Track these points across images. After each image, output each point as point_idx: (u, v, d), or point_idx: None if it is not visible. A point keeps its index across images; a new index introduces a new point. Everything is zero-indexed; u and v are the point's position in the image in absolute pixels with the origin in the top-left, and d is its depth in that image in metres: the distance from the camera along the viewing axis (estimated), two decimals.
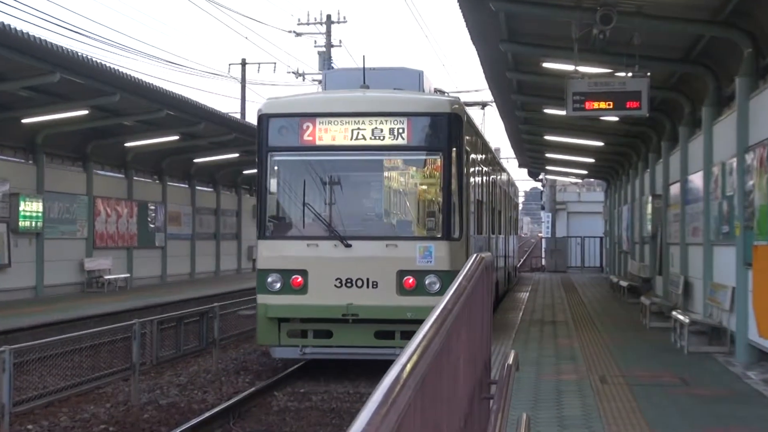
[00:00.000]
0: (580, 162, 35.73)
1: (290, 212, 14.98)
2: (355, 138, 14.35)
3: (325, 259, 14.10)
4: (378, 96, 14.84)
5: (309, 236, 14.34)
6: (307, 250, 14.20)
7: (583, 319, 20.42)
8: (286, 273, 14.24)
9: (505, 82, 21.64)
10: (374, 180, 14.96)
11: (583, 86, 15.18)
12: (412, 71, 17.27)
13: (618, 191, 36.13)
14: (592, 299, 26.70)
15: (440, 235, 14.14)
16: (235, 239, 42.77)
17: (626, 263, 31.84)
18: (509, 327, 18.48)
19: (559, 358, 13.91)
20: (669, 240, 21.51)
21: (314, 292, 14.10)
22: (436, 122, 14.40)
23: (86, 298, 25.97)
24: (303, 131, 14.45)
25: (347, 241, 14.10)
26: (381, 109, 14.41)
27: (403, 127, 14.33)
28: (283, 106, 14.76)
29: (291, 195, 14.95)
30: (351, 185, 14.94)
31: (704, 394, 10.86)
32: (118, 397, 13.33)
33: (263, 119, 14.64)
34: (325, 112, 14.42)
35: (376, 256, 14.02)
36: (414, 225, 14.74)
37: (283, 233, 14.64)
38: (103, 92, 23.07)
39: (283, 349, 14.54)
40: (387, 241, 14.11)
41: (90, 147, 29.29)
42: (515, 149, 37.02)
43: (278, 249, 14.39)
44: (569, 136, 28.15)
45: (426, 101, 14.88)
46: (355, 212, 14.74)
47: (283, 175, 14.82)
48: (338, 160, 14.65)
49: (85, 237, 29.31)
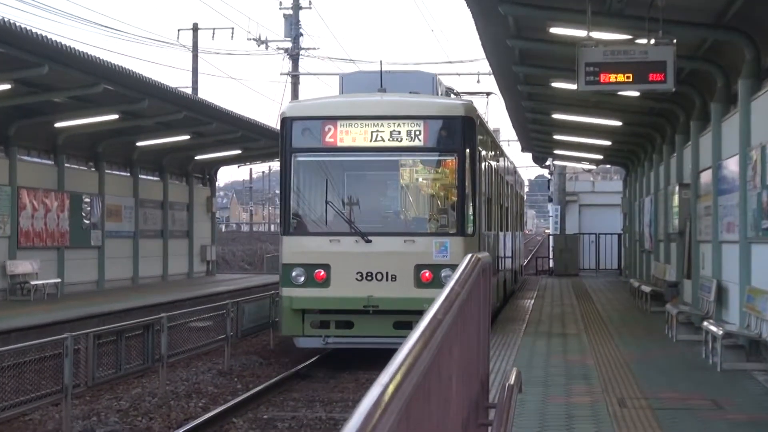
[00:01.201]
0: (595, 145, 35.83)
1: (313, 210, 18.92)
2: (374, 140, 18.13)
3: (347, 254, 17.92)
4: (395, 100, 18.71)
5: (331, 232, 18.25)
6: (330, 245, 18.07)
7: (597, 331, 20.48)
8: (310, 267, 18.03)
9: (506, 52, 21.65)
10: (392, 179, 18.91)
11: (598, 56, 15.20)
12: (426, 74, 21.65)
13: (639, 180, 36.26)
14: (609, 307, 26.77)
15: (455, 231, 18.06)
16: (186, 237, 42.70)
17: (649, 265, 31.93)
18: (511, 340, 18.51)
19: (570, 378, 13.94)
20: (699, 237, 21.59)
21: (336, 285, 17.92)
22: (450, 125, 18.37)
23: (9, 308, 25.86)
24: (325, 133, 18.25)
25: (368, 237, 17.93)
26: (398, 113, 18.29)
27: (420, 129, 18.18)
28: (306, 109, 18.86)
29: (313, 193, 18.92)
30: (370, 184, 19.32)
31: (741, 419, 10.90)
32: (47, 425, 13.27)
33: (287, 122, 18.40)
34: (346, 115, 18.23)
35: (395, 251, 17.88)
36: (430, 222, 18.64)
37: (307, 230, 18.62)
38: (28, 63, 22.94)
39: (306, 339, 18.27)
40: (405, 237, 18.06)
41: (13, 129, 29.14)
42: (518, 130, 37.09)
43: (302, 245, 18.27)
44: (581, 115, 28.22)
45: (441, 105, 19.12)
46: (375, 210, 18.92)
47: (306, 175, 18.78)
48: (358, 161, 18.77)
49: (7, 235, 29.16)
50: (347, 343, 18.27)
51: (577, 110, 27.65)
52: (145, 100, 28.17)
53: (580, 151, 38.60)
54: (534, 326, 21.51)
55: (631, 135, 32.21)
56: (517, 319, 23.24)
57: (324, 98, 19.77)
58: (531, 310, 25.97)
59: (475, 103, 19.98)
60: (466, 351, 4.94)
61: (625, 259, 43.17)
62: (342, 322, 18.14)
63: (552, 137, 34.73)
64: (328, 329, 18.24)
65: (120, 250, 36.32)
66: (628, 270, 40.96)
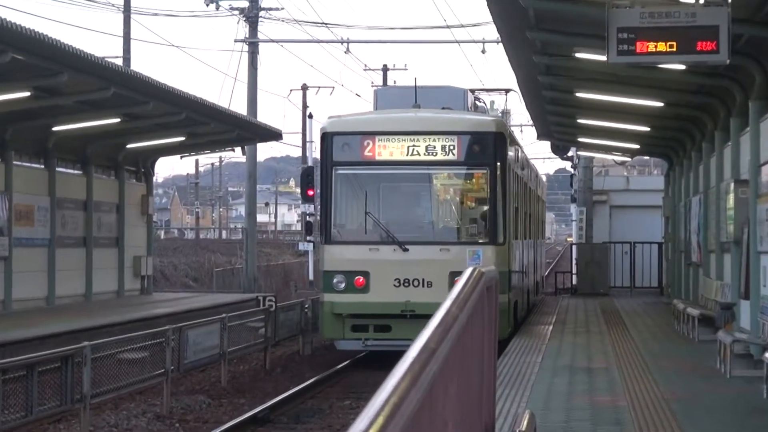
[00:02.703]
0: (629, 131, 35.85)
1: (353, 220, 25.83)
2: (411, 154, 24.68)
3: (386, 262, 24.36)
4: (430, 116, 25.71)
5: (371, 241, 24.72)
6: (369, 253, 24.54)
7: (632, 364, 20.49)
8: (350, 274, 24.45)
9: (518, 13, 21.65)
10: (427, 191, 25.67)
11: (634, 18, 15.22)
12: (458, 90, 28.97)
13: (685, 175, 36.34)
14: (646, 335, 26.80)
15: (487, 240, 24.78)
16: (115, 246, 42.56)
17: (697, 282, 31.98)
18: (523, 375, 18.51)
19: (597, 423, 13.95)
20: (760, 247, 21.63)
21: (375, 291, 24.29)
22: (482, 140, 25.12)
23: None
24: (363, 147, 24.85)
25: (405, 245, 24.36)
26: (433, 129, 25.04)
27: (454, 144, 24.82)
28: (345, 125, 25.54)
29: (353, 204, 25.75)
30: (407, 196, 26.41)
31: None
32: None
33: (327, 136, 25.15)
34: (384, 131, 24.94)
35: (431, 259, 24.18)
36: (463, 231, 25.43)
37: (347, 239, 25.25)
38: None
39: (347, 342, 24.88)
40: (440, 246, 24.52)
41: None
42: (533, 113, 37.09)
43: (343, 253, 24.88)
44: (613, 94, 28.24)
45: (473, 121, 26.18)
46: (411, 220, 25.71)
47: (346, 187, 25.55)
48: (395, 174, 25.67)
49: None
50: (385, 345, 23.94)
51: (608, 88, 27.67)
52: (64, 74, 28.06)
53: (611, 138, 38.59)
54: (552, 357, 21.51)
55: (674, 119, 32.25)
56: (532, 349, 23.24)
57: (360, 114, 27.73)
58: (549, 337, 26.05)
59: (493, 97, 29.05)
60: (466, 389, 4.94)
61: (668, 275, 43.22)
62: (380, 326, 24.27)
63: (576, 121, 34.73)
64: (367, 332, 24.35)
65: (32, 262, 36.18)
66: (670, 288, 41.03)
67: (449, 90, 28.93)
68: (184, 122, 37.13)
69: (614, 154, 45.93)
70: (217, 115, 36.74)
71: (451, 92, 28.62)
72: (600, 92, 28.41)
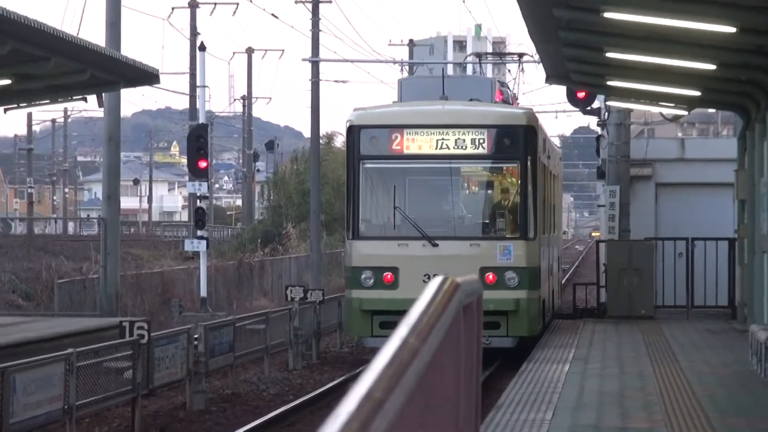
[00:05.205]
0: (686, 71, 35.89)
1: (381, 215, 36.05)
2: (440, 147, 34.92)
3: (415, 257, 34.36)
4: (460, 109, 36.24)
5: (400, 237, 34.90)
6: (398, 249, 34.63)
7: (689, 425, 20.56)
8: (378, 270, 34.52)
9: None
10: (457, 185, 36.60)
11: None
12: (485, 80, 41.00)
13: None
14: (711, 378, 26.99)
15: (518, 235, 35.13)
16: None
17: None
18: None
19: None
20: None
21: (404, 287, 33.62)
22: (513, 133, 35.48)
23: None
24: (391, 141, 35.11)
25: (435, 240, 34.47)
26: (462, 122, 35.39)
27: (483, 137, 35.04)
28: (372, 118, 35.87)
29: (381, 199, 35.90)
30: (435, 190, 37.13)
31: None
32: None
33: (354, 130, 35.33)
34: (412, 124, 35.19)
35: (461, 254, 34.26)
36: (494, 226, 35.62)
37: (375, 234, 35.64)
38: None
39: (375, 339, 34.30)
40: (470, 241, 34.92)
41: None
42: (538, 39, 36.78)
43: (371, 248, 35.14)
44: (658, 14, 28.19)
45: (503, 114, 36.84)
46: (440, 215, 36.30)
47: (374, 181, 35.65)
48: (424, 168, 36.23)
49: None
50: None
51: (651, 6, 27.62)
52: None
53: (657, 81, 38.58)
54: (568, 415, 21.58)
55: (752, 52, 32.24)
56: (541, 398, 23.30)
57: (388, 106, 38.51)
58: (565, 382, 26.11)
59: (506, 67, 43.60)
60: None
61: (743, 288, 43.19)
62: None
63: (604, 54, 34.70)
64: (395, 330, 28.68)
65: None
66: (747, 309, 41.07)
67: (476, 80, 41.99)
68: (8, 58, 36.93)
69: (662, 105, 45.97)
70: (59, 45, 36.56)
71: (478, 82, 40.49)
72: (639, 13, 28.28)
